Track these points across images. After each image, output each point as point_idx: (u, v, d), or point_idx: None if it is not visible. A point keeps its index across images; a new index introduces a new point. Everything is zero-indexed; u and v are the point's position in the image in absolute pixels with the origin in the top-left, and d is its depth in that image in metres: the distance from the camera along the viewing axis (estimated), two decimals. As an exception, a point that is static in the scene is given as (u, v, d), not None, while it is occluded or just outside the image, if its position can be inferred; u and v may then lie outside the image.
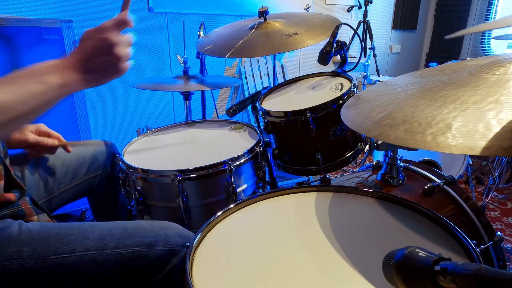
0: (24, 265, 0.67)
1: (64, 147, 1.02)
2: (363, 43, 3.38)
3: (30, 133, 0.95)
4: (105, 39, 0.65)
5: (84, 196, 1.12)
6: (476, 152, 0.41)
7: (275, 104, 1.18)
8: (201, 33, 1.61)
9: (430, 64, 3.34)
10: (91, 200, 1.18)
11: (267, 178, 1.13)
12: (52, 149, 0.99)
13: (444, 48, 4.19)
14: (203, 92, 1.97)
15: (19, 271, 0.67)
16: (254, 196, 0.80)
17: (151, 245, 0.73)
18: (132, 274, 0.73)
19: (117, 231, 0.75)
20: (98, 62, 0.65)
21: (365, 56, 3.46)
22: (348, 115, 0.69)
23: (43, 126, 0.99)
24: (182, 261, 0.75)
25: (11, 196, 0.78)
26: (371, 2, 3.34)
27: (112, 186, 1.14)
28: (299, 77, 1.32)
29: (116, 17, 0.68)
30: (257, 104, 1.20)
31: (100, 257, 0.71)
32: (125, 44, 0.70)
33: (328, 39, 1.14)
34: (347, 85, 1.11)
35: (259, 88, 2.76)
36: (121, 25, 0.69)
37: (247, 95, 2.01)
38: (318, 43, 1.18)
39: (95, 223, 0.78)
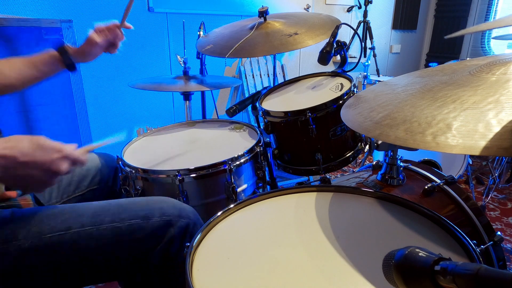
0: (21, 246, 0.67)
1: None
2: (363, 43, 3.38)
3: None
4: (59, 167, 0.61)
5: None
6: (476, 152, 0.41)
7: (275, 104, 1.18)
8: (201, 33, 1.61)
9: (430, 64, 3.34)
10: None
11: (267, 178, 1.13)
12: None
13: (444, 48, 4.19)
14: (203, 92, 1.97)
15: (16, 252, 0.67)
16: (254, 196, 0.80)
17: (146, 217, 0.74)
18: (130, 247, 0.73)
19: (112, 207, 0.76)
20: (30, 175, 0.60)
21: (365, 56, 3.46)
22: (348, 115, 0.69)
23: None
24: (179, 231, 0.76)
25: (12, 193, 0.79)
26: (371, 2, 3.34)
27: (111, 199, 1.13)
28: (299, 77, 1.32)
29: (79, 156, 0.65)
30: (257, 104, 1.20)
31: (97, 232, 0.71)
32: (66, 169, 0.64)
33: (328, 39, 1.14)
34: (347, 85, 1.11)
35: (259, 88, 2.76)
36: (75, 163, 0.65)
37: (247, 95, 2.01)
38: (318, 43, 1.18)
39: (89, 203, 0.79)
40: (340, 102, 1.03)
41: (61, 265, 0.71)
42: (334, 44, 1.13)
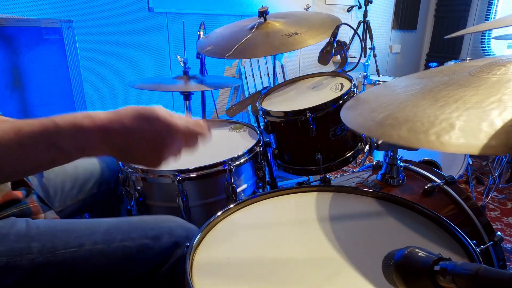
0: (35, 260, 0.68)
1: None
2: (363, 43, 3.38)
3: None
4: (172, 143, 0.57)
5: (86, 212, 1.12)
6: (482, 151, 0.40)
7: (275, 104, 1.18)
8: (201, 33, 1.61)
9: (430, 64, 3.34)
10: (92, 216, 1.18)
11: (267, 178, 1.13)
12: None
13: (444, 48, 4.19)
14: (203, 92, 1.97)
15: (30, 266, 0.68)
16: (254, 196, 0.80)
17: (156, 237, 0.75)
18: (138, 266, 0.74)
19: (123, 225, 0.76)
20: (142, 151, 0.56)
21: (365, 56, 3.46)
22: (349, 116, 0.69)
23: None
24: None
25: (19, 193, 0.79)
26: (371, 2, 3.34)
27: (114, 203, 1.14)
28: (299, 77, 1.32)
29: (196, 128, 0.61)
30: (257, 104, 1.20)
31: (108, 251, 0.72)
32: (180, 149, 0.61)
33: (328, 39, 1.14)
34: (347, 85, 1.11)
35: (259, 88, 2.76)
36: (195, 137, 0.61)
37: (247, 95, 2.01)
38: (318, 43, 1.18)
39: (100, 219, 0.79)
40: (340, 102, 1.03)
41: (71, 281, 0.71)
42: (334, 44, 1.14)
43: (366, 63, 2.53)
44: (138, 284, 0.75)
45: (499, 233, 0.86)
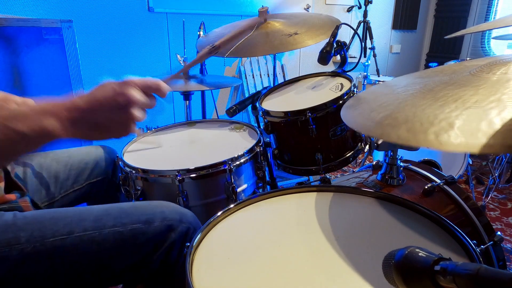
0: (23, 250, 0.67)
1: None
2: (363, 43, 3.38)
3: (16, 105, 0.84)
4: (125, 94, 0.58)
5: (83, 202, 1.11)
6: (480, 150, 0.40)
7: (275, 104, 1.18)
8: (201, 33, 1.61)
9: (430, 64, 3.34)
10: (90, 205, 1.17)
11: (267, 178, 1.13)
12: None
13: (444, 48, 4.19)
14: (203, 92, 1.97)
15: (18, 256, 0.66)
16: (254, 196, 0.80)
17: (148, 221, 0.74)
18: (132, 252, 0.73)
19: (114, 211, 0.75)
20: (104, 117, 0.58)
21: (365, 56, 3.46)
22: (349, 116, 0.69)
23: (31, 102, 0.84)
24: (180, 235, 0.75)
25: (12, 196, 0.78)
26: (371, 2, 3.34)
27: (112, 192, 1.13)
28: (299, 77, 1.32)
29: (149, 80, 0.63)
30: (257, 104, 1.20)
31: (99, 237, 0.71)
32: (145, 106, 0.62)
33: (328, 39, 1.14)
34: (347, 85, 1.11)
35: (259, 88, 2.76)
36: (152, 89, 0.64)
37: (247, 95, 2.01)
38: (318, 43, 1.18)
39: (91, 206, 0.78)
40: (340, 102, 1.03)
41: (63, 270, 0.70)
42: (334, 44, 1.13)
43: (366, 63, 2.53)
44: (133, 270, 0.74)
45: (499, 233, 0.86)
